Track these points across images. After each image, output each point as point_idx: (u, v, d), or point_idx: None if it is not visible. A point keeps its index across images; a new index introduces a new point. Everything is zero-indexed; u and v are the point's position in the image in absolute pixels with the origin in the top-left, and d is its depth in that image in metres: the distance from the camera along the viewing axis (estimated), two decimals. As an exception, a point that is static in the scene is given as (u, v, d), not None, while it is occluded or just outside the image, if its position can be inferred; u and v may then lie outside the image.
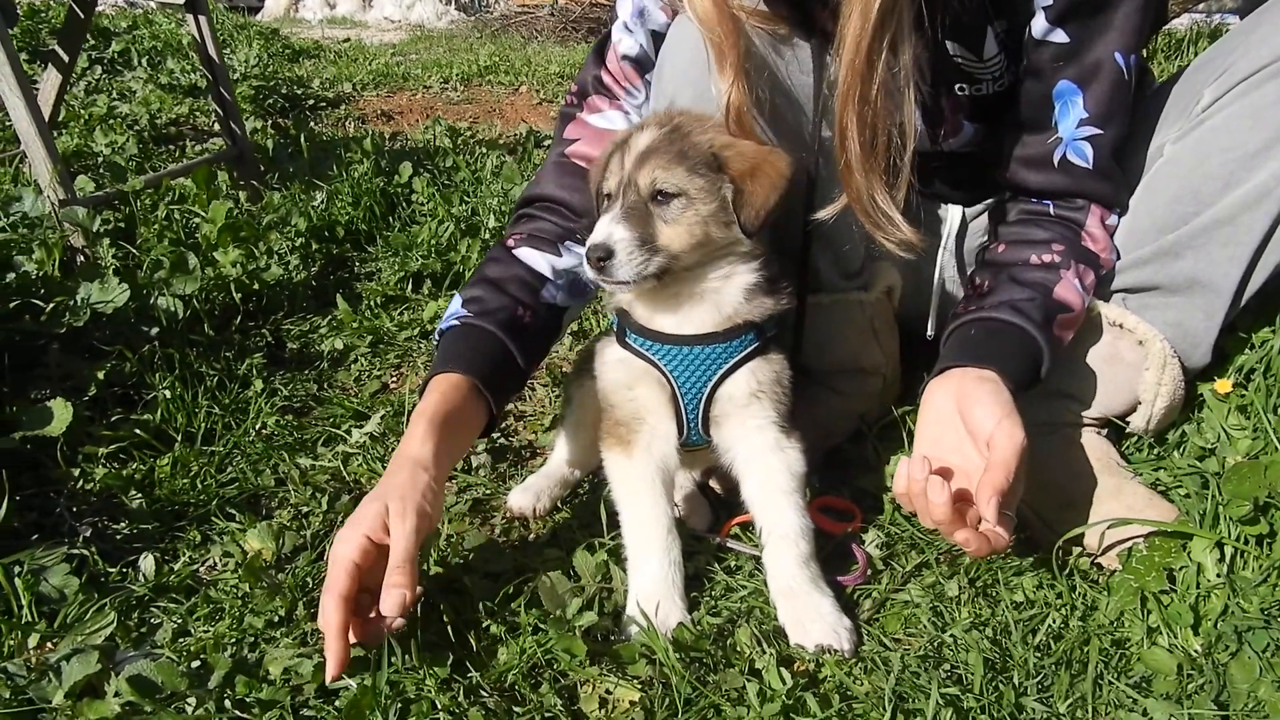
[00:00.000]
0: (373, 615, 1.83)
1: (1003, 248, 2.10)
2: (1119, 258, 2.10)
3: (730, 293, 1.95)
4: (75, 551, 2.10)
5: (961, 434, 1.82)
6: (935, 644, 1.86)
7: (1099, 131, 1.99)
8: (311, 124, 6.34)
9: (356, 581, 1.77)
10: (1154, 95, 2.19)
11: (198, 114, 6.41)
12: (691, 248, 1.88)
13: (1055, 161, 2.04)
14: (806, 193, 2.07)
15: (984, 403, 1.78)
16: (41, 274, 2.90)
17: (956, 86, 2.13)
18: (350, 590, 1.76)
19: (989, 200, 2.37)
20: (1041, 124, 2.04)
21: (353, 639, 1.78)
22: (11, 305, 2.66)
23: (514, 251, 2.24)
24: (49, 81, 4.09)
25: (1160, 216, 2.03)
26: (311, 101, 7.25)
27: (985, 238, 2.33)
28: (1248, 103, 1.91)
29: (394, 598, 1.74)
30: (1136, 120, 2.09)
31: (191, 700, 1.74)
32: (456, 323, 2.13)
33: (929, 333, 2.48)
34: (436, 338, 2.19)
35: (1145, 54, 2.22)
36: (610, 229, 1.84)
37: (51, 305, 2.73)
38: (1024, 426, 1.75)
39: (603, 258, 1.82)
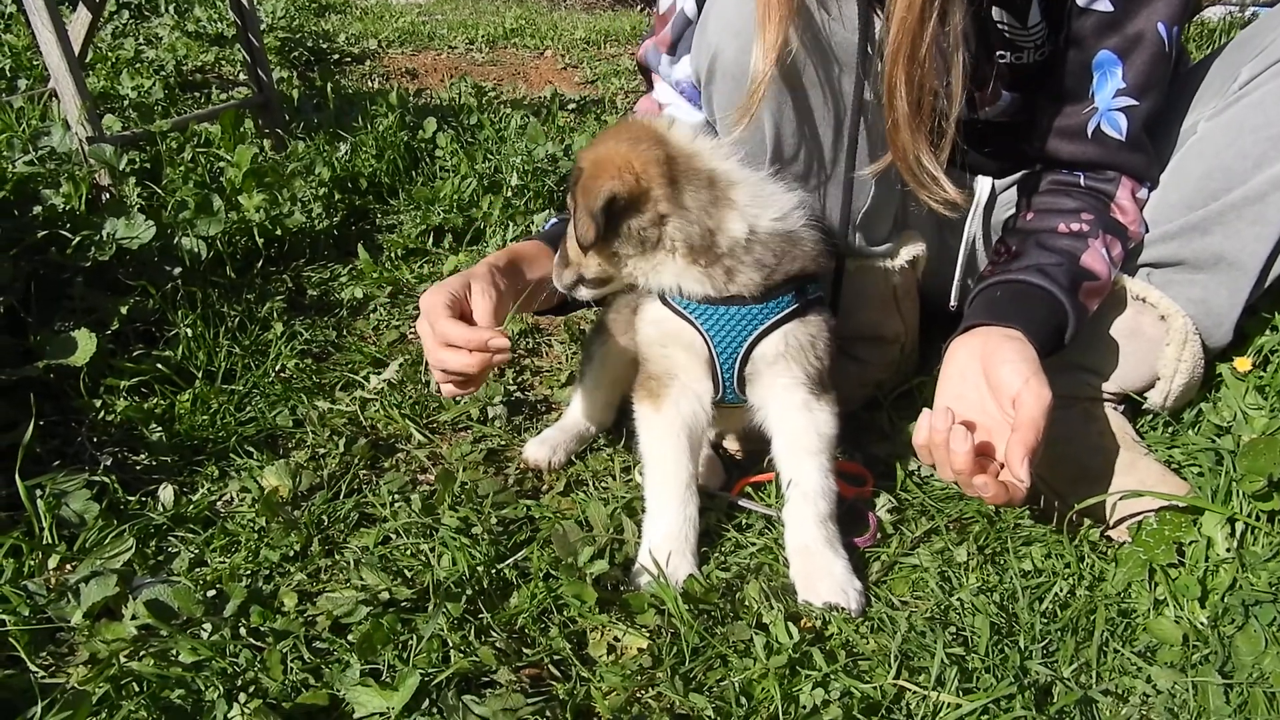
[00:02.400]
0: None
1: (1031, 216, 2.09)
2: (1147, 231, 2.10)
3: (667, 279, 1.98)
4: (96, 479, 2.13)
5: (983, 391, 1.82)
6: (942, 607, 1.87)
7: (1135, 103, 1.98)
8: (337, 77, 6.33)
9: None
10: (1190, 73, 2.18)
11: (223, 63, 6.40)
12: (587, 262, 2.02)
13: (1089, 132, 2.03)
14: (848, 154, 2.06)
15: (1010, 360, 1.78)
16: (68, 208, 2.91)
17: (997, 54, 2.12)
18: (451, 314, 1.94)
19: (1019, 173, 2.37)
20: (1078, 94, 2.03)
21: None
22: (39, 236, 2.67)
23: None
24: (79, 20, 4.08)
25: (1190, 192, 2.03)
26: (336, 56, 7.22)
27: (1013, 210, 2.32)
28: None
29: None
30: (1172, 97, 2.08)
31: (207, 626, 1.77)
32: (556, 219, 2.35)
33: (952, 303, 2.48)
34: None
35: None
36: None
37: (77, 239, 2.74)
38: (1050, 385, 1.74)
39: None
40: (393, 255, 3.52)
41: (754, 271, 1.94)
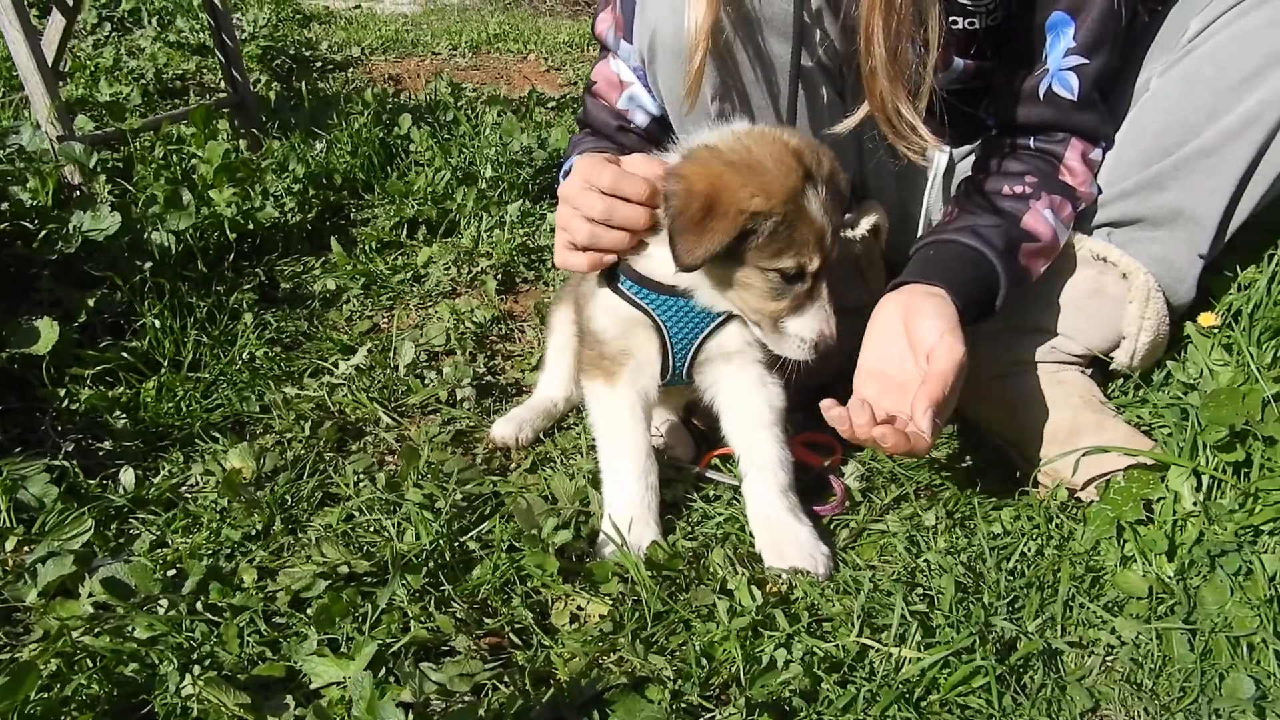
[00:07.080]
0: None
1: (977, 179, 2.11)
2: (1100, 193, 2.09)
3: None
4: (56, 463, 2.11)
5: (904, 347, 1.85)
6: (909, 569, 1.86)
7: (1085, 61, 1.98)
8: (316, 80, 6.33)
9: None
10: (1144, 30, 2.17)
11: (204, 71, 6.39)
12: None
13: (1040, 94, 2.03)
14: (788, 122, 2.05)
15: (929, 316, 1.82)
16: (35, 204, 2.90)
17: (951, 19, 2.11)
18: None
19: (976, 142, 2.35)
20: (1033, 57, 2.03)
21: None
22: (3, 229, 2.66)
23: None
24: (54, 25, 4.05)
25: (1145, 149, 2.02)
26: (319, 64, 7.21)
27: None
28: (1234, 30, 1.90)
29: None
30: (1126, 55, 2.08)
31: (164, 603, 1.75)
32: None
33: (914, 272, 2.47)
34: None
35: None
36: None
37: (43, 232, 2.73)
38: (965, 341, 1.79)
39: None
40: (367, 248, 3.50)
41: None
